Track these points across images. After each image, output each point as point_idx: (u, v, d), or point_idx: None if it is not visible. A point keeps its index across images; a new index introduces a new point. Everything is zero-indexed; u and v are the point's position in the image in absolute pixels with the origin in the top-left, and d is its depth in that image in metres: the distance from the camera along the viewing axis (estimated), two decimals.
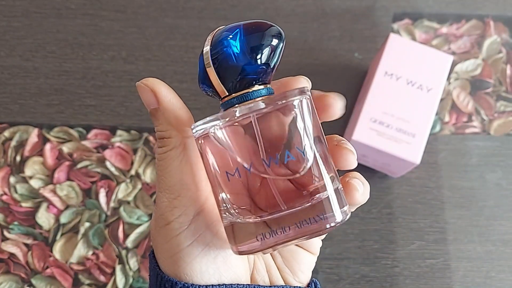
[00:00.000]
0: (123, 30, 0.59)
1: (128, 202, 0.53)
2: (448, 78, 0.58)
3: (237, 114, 0.26)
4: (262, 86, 0.27)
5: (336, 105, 0.29)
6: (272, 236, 0.26)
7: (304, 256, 0.32)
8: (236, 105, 0.27)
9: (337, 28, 0.60)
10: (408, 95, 0.51)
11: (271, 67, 0.27)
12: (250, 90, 0.27)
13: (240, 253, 0.27)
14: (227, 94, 0.27)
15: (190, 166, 0.28)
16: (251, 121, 0.26)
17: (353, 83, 0.57)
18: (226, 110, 0.27)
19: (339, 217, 0.26)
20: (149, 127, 0.55)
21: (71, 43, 0.58)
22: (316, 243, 0.32)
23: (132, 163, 0.54)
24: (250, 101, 0.27)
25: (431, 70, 0.52)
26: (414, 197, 0.54)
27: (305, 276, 0.32)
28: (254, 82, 0.27)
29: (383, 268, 0.52)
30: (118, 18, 0.59)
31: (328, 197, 0.26)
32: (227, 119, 0.26)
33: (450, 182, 0.54)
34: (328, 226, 0.26)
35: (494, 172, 0.55)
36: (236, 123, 0.27)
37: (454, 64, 0.58)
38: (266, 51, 0.27)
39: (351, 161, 0.28)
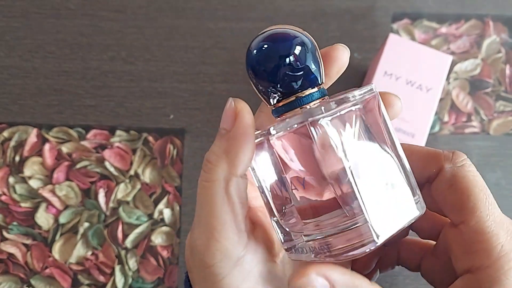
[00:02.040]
0: (123, 31, 0.59)
1: (127, 202, 0.53)
2: (448, 78, 0.58)
3: (272, 132, 0.25)
4: (314, 90, 0.26)
5: (397, 103, 0.28)
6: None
7: None
8: (284, 114, 0.26)
9: (337, 28, 0.60)
10: (407, 95, 0.51)
11: (308, 72, 0.26)
12: (297, 97, 0.26)
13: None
14: (274, 103, 0.26)
15: (232, 205, 0.25)
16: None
17: (353, 83, 0.57)
18: (277, 118, 0.27)
19: (381, 238, 0.24)
20: (148, 128, 0.55)
21: (70, 44, 0.58)
22: None
23: (131, 163, 0.54)
24: (292, 111, 0.26)
25: (430, 70, 0.52)
26: None
27: None
28: (297, 89, 0.26)
29: None
30: (117, 19, 0.59)
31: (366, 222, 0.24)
32: (275, 132, 0.25)
33: None
34: (367, 250, 0.24)
35: (493, 172, 0.55)
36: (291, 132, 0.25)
37: (453, 64, 0.58)
38: (292, 61, 0.26)
39: (397, 104, 0.28)
